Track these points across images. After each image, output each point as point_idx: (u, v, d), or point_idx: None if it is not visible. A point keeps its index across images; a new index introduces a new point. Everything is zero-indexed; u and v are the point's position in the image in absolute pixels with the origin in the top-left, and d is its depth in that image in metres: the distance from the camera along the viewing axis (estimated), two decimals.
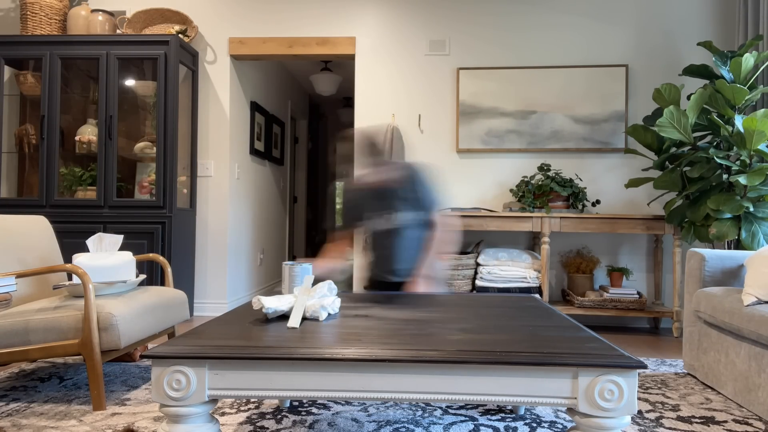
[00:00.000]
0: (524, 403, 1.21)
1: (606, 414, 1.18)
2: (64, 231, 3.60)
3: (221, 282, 4.06)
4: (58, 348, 2.01)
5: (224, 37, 4.08)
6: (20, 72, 3.89)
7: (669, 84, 3.19)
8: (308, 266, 1.86)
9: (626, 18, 3.86)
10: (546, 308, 1.81)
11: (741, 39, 3.56)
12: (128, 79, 3.93)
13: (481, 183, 3.94)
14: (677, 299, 3.44)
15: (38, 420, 1.91)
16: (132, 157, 3.91)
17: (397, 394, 1.22)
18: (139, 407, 2.04)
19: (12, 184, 3.91)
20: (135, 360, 2.69)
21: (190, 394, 1.23)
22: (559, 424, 1.91)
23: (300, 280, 1.84)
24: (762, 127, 2.76)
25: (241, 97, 4.38)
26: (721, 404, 2.17)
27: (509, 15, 3.93)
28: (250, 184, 4.71)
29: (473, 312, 1.70)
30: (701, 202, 3.10)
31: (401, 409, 2.03)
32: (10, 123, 3.90)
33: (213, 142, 4.08)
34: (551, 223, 3.45)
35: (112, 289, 2.22)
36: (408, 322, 1.53)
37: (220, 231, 4.07)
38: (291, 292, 1.81)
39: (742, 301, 2.11)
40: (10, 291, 2.01)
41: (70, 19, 3.83)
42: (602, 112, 3.82)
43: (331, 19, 4.03)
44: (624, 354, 1.20)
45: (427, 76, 3.98)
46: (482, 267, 3.56)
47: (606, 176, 3.85)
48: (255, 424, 1.87)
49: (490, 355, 1.20)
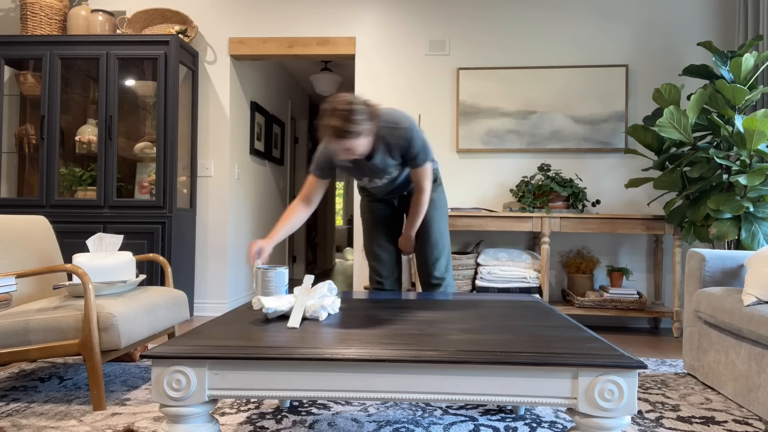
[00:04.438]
0: (524, 403, 1.21)
1: (606, 414, 1.18)
2: (64, 231, 3.60)
3: (221, 282, 4.06)
4: (58, 348, 2.01)
5: (224, 37, 4.08)
6: (20, 72, 3.89)
7: (669, 84, 3.19)
8: (283, 270, 1.77)
9: (626, 18, 3.86)
10: (546, 308, 1.81)
11: (741, 39, 3.56)
12: (128, 79, 3.93)
13: (481, 183, 3.94)
14: (677, 299, 3.44)
15: (38, 420, 1.91)
16: (132, 157, 3.91)
17: (397, 394, 1.22)
18: (139, 407, 2.04)
19: (12, 184, 3.91)
20: (135, 360, 2.69)
21: (190, 394, 1.23)
22: (559, 424, 1.91)
23: (274, 284, 1.75)
24: (762, 127, 2.76)
25: (241, 97, 4.38)
26: (721, 404, 2.17)
27: (509, 15, 3.93)
28: (250, 184, 4.71)
29: (473, 312, 1.70)
30: (701, 202, 3.10)
31: (401, 409, 2.03)
32: (10, 123, 3.90)
33: (213, 142, 4.08)
34: (551, 223, 3.45)
35: (112, 289, 2.22)
36: (408, 322, 1.53)
37: (220, 231, 4.07)
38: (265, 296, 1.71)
39: (742, 301, 2.11)
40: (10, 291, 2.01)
41: (70, 19, 3.83)
42: (602, 112, 3.82)
43: (331, 19, 4.03)
44: (624, 354, 1.20)
45: (427, 76, 3.98)
46: (482, 267, 3.56)
47: (606, 176, 3.85)
48: (255, 424, 1.87)
49: (491, 355, 1.20)
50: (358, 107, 1.93)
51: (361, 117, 1.92)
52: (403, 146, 2.13)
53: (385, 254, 2.50)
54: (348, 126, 1.89)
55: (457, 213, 3.52)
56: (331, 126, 1.91)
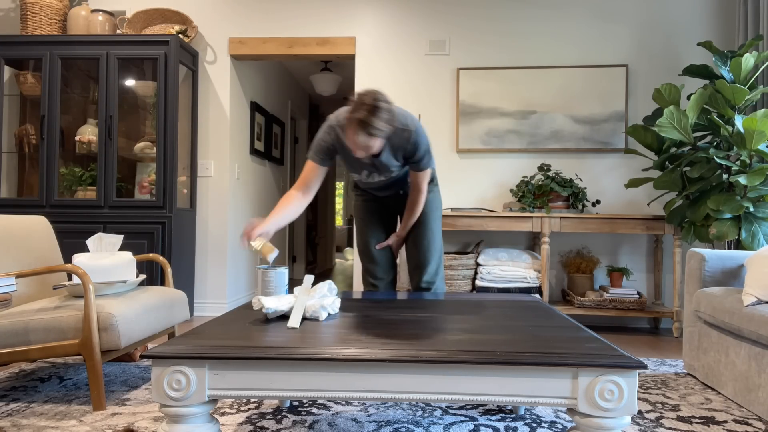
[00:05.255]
0: (524, 403, 1.21)
1: (606, 414, 1.18)
2: (64, 231, 3.60)
3: (221, 282, 4.06)
4: (58, 348, 2.01)
5: (224, 37, 4.08)
6: (20, 72, 3.89)
7: (669, 84, 3.19)
8: (283, 270, 1.78)
9: (626, 18, 3.86)
10: (546, 308, 1.81)
11: (741, 39, 3.56)
12: (128, 79, 3.93)
13: (481, 183, 3.94)
14: (677, 299, 3.44)
15: (38, 420, 1.91)
16: (132, 157, 3.91)
17: (397, 394, 1.22)
18: (139, 407, 2.04)
19: (12, 184, 3.91)
20: (135, 360, 2.69)
21: (190, 394, 1.23)
22: (559, 424, 1.91)
23: (274, 285, 1.76)
24: (762, 127, 2.76)
25: (241, 97, 4.38)
26: (721, 404, 2.17)
27: (509, 15, 3.93)
28: (250, 184, 4.71)
29: (473, 312, 1.70)
30: (701, 202, 3.10)
31: (401, 409, 2.03)
32: (10, 123, 3.90)
33: (213, 142, 4.08)
34: (551, 223, 3.45)
35: (112, 289, 2.22)
36: (408, 322, 1.53)
37: (220, 231, 4.07)
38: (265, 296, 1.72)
39: (742, 301, 2.11)
40: (10, 291, 2.01)
41: (70, 19, 3.83)
42: (602, 112, 3.82)
43: (331, 19, 4.03)
44: (624, 354, 1.20)
45: (427, 76, 3.98)
46: (482, 267, 3.56)
47: (606, 176, 3.85)
48: (255, 424, 1.87)
49: (490, 355, 1.20)
50: (392, 108, 1.94)
51: (388, 116, 1.92)
52: (408, 149, 2.11)
53: (379, 255, 2.45)
54: (381, 125, 1.89)
55: (457, 213, 3.52)
56: (363, 121, 1.88)
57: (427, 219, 2.38)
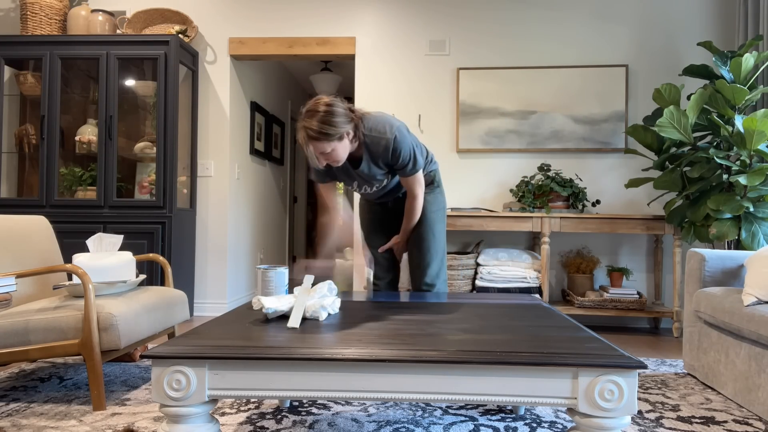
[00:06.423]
0: (524, 403, 1.21)
1: (606, 414, 1.18)
2: (64, 231, 3.60)
3: (221, 282, 4.06)
4: (58, 348, 2.01)
5: (224, 37, 4.08)
6: (20, 72, 3.89)
7: (669, 84, 3.19)
8: (283, 270, 1.77)
9: (626, 18, 3.86)
10: (546, 308, 1.81)
11: (741, 39, 3.56)
12: (128, 79, 3.93)
13: (481, 183, 3.94)
14: (677, 299, 3.44)
15: (38, 420, 1.91)
16: (132, 157, 3.91)
17: (397, 394, 1.22)
18: (139, 407, 2.04)
19: (12, 184, 3.91)
20: (135, 360, 2.69)
21: (190, 394, 1.23)
22: (559, 424, 1.91)
23: (274, 285, 1.75)
24: (762, 127, 2.76)
25: (241, 97, 4.38)
26: (721, 404, 2.17)
27: (509, 15, 3.93)
28: (250, 184, 4.71)
29: (473, 312, 1.70)
30: (701, 202, 3.10)
31: (401, 409, 2.03)
32: (10, 123, 3.90)
33: (213, 142, 4.08)
34: (551, 223, 3.45)
35: (112, 289, 2.22)
36: (408, 322, 1.53)
37: (220, 231, 4.07)
38: None
39: (742, 301, 2.11)
40: (10, 291, 2.01)
41: (70, 19, 3.83)
42: (602, 112, 3.82)
43: (331, 19, 4.03)
44: (624, 354, 1.20)
45: (427, 76, 3.98)
46: (482, 267, 3.56)
47: (606, 176, 3.85)
48: (255, 424, 1.87)
49: (491, 355, 1.20)
50: (337, 110, 1.89)
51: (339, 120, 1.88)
52: (387, 157, 2.07)
53: (380, 255, 2.46)
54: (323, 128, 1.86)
55: (457, 213, 3.52)
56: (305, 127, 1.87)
57: (429, 221, 2.36)
